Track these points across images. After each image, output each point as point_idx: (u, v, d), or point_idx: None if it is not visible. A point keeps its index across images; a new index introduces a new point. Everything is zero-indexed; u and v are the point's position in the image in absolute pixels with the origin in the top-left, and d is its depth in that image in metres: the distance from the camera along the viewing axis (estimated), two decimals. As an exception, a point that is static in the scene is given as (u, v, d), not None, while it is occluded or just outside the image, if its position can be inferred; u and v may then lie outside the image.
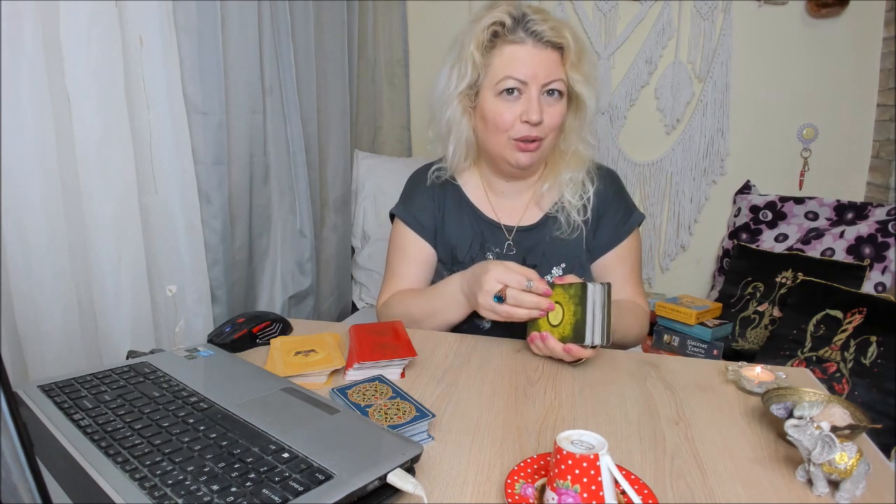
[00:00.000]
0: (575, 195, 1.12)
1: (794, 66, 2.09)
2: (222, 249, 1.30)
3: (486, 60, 1.05)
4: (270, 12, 1.43)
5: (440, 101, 1.11)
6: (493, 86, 1.04)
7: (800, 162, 2.16)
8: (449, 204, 1.18)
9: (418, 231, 1.18)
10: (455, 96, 1.08)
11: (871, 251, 1.81)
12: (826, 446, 0.57)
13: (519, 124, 1.04)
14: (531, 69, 1.01)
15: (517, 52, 1.02)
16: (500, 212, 1.17)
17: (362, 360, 0.85)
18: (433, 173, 1.19)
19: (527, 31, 1.02)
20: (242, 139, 1.37)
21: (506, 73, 1.02)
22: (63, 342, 0.93)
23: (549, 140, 1.07)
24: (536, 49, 1.02)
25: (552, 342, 0.90)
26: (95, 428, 0.61)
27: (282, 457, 0.56)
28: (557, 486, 0.52)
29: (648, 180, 2.30)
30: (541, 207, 1.16)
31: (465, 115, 1.10)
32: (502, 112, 1.04)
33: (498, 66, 1.04)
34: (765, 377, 0.84)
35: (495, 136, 1.07)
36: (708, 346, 1.87)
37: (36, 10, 0.85)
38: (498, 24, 1.03)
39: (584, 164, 1.12)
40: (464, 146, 1.13)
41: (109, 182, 0.99)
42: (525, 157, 1.06)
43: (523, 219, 1.16)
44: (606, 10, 2.21)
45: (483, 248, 1.16)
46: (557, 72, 1.03)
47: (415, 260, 1.18)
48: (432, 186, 1.19)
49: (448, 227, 1.17)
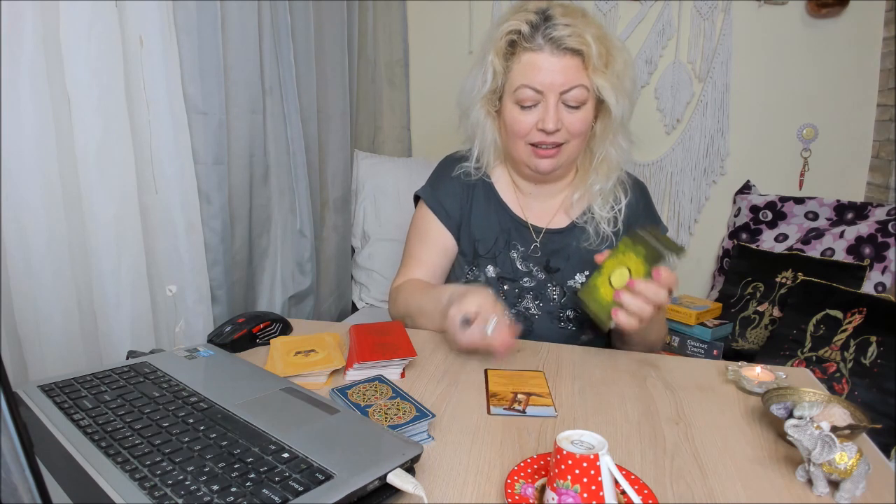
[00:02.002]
0: (605, 207, 1.11)
1: (794, 66, 2.09)
2: (222, 249, 1.30)
3: (507, 66, 1.04)
4: (270, 12, 1.43)
5: (465, 103, 1.11)
6: (511, 93, 1.04)
7: (800, 162, 2.16)
8: (478, 196, 1.16)
9: (443, 218, 1.16)
10: (478, 100, 1.08)
11: (871, 251, 1.81)
12: (826, 446, 0.57)
13: (535, 131, 1.03)
14: (548, 77, 0.99)
15: (534, 59, 1.00)
16: (529, 212, 1.16)
17: (362, 360, 0.85)
18: (460, 169, 1.17)
19: (545, 38, 0.99)
20: (242, 139, 1.37)
21: (522, 81, 1.01)
22: (63, 342, 0.93)
23: (574, 145, 1.05)
24: (555, 56, 0.99)
25: (644, 284, 0.86)
26: (95, 428, 0.61)
27: (282, 457, 0.56)
28: (557, 486, 0.52)
29: (648, 180, 2.30)
30: (569, 215, 1.15)
31: (490, 117, 1.10)
32: (520, 120, 1.03)
33: (516, 73, 1.02)
34: (765, 377, 0.84)
35: (514, 142, 1.07)
36: (708, 346, 1.87)
37: (36, 10, 0.85)
38: (514, 33, 1.02)
39: (613, 173, 1.10)
40: (490, 147, 1.12)
41: (109, 182, 0.98)
42: (545, 162, 1.05)
43: (552, 222, 1.15)
44: (606, 10, 2.21)
45: (508, 245, 1.15)
46: (578, 78, 1.00)
47: (435, 247, 1.16)
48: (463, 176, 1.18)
49: (474, 219, 1.16)
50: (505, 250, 1.14)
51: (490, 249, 1.14)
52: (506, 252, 1.14)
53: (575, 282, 1.13)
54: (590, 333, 1.12)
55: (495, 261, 1.14)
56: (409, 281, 1.14)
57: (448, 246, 1.17)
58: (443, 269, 1.18)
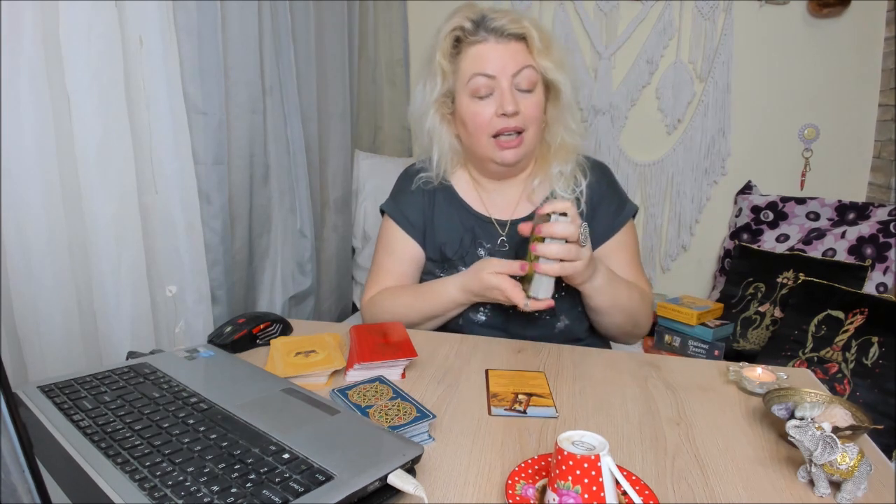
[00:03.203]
0: (567, 189, 1.13)
1: (795, 66, 2.09)
2: (222, 250, 1.30)
3: (454, 66, 1.08)
4: (270, 13, 1.43)
5: (418, 114, 1.14)
6: (465, 87, 1.06)
7: (801, 162, 2.15)
8: (440, 201, 1.19)
9: (407, 229, 1.19)
10: (431, 105, 1.11)
11: (872, 251, 1.81)
12: (827, 447, 0.56)
13: (496, 119, 1.04)
14: (498, 62, 1.03)
15: (481, 50, 1.05)
16: (492, 207, 1.17)
17: (363, 360, 0.85)
18: (419, 180, 1.19)
19: (488, 30, 1.04)
20: (242, 139, 1.36)
21: (474, 70, 1.04)
22: (63, 343, 0.93)
23: (532, 133, 1.08)
24: (500, 44, 1.04)
25: (546, 225, 0.91)
26: (95, 429, 0.61)
27: (282, 458, 0.55)
28: (558, 486, 0.52)
29: (649, 180, 2.30)
30: (532, 202, 1.16)
31: (445, 122, 1.12)
32: (478, 111, 1.05)
33: (466, 67, 1.06)
34: (766, 378, 0.84)
35: (477, 137, 1.08)
36: (709, 346, 1.87)
37: (36, 10, 0.85)
38: (458, 30, 1.06)
39: (571, 156, 1.13)
40: (448, 153, 1.15)
41: (109, 182, 0.98)
42: (509, 153, 1.07)
43: (516, 212, 1.16)
44: (607, 10, 2.21)
45: (475, 244, 1.16)
46: (525, 59, 1.05)
47: (402, 257, 1.19)
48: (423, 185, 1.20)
49: (438, 224, 1.18)
50: (472, 249, 1.16)
51: (457, 251, 1.16)
52: (473, 251, 1.16)
53: None
54: (565, 320, 1.12)
55: (464, 261, 1.16)
56: (382, 290, 1.17)
57: (414, 255, 1.20)
58: (411, 278, 1.21)
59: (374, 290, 1.19)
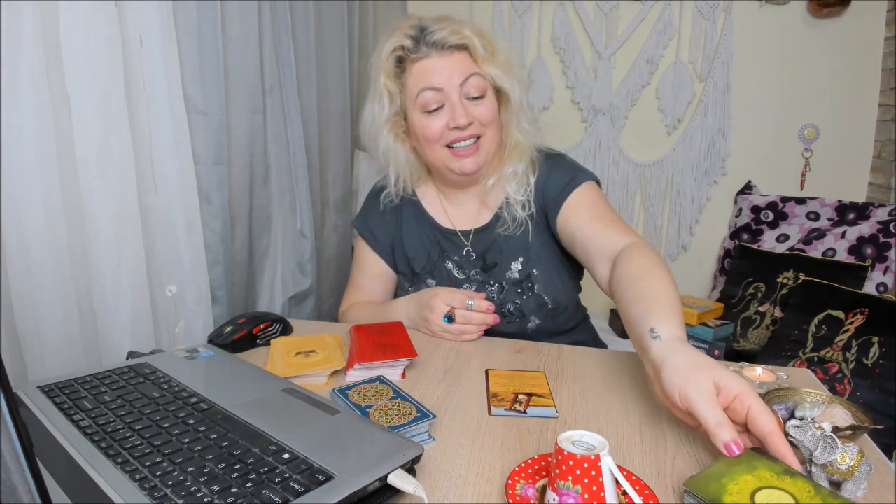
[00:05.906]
0: (519, 190, 1.11)
1: (795, 66, 2.09)
2: (222, 250, 1.30)
3: (400, 84, 1.07)
4: (270, 12, 1.43)
5: (371, 136, 1.15)
6: (414, 103, 1.06)
7: (801, 162, 2.15)
8: (407, 216, 1.20)
9: (374, 246, 1.22)
10: (383, 125, 1.11)
11: (872, 251, 1.81)
12: (828, 447, 0.56)
13: (448, 132, 1.05)
14: (444, 74, 1.03)
15: (425, 65, 1.04)
16: (456, 219, 1.18)
17: (363, 360, 0.85)
18: (385, 198, 1.20)
19: (429, 45, 1.03)
20: (242, 139, 1.36)
21: (420, 86, 1.04)
22: (63, 343, 0.93)
23: (490, 137, 1.07)
24: (443, 57, 1.03)
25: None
26: (95, 429, 0.61)
27: (282, 457, 0.55)
28: (558, 486, 0.52)
29: (649, 180, 2.30)
30: (489, 207, 1.16)
31: (399, 140, 1.12)
32: (430, 125, 1.05)
33: (412, 84, 1.05)
34: (766, 378, 0.84)
35: (431, 150, 1.08)
36: (709, 346, 1.87)
37: (36, 10, 0.85)
38: (399, 49, 1.06)
39: (525, 155, 1.11)
40: (407, 169, 1.15)
41: (109, 182, 0.98)
42: (469, 161, 1.07)
43: (477, 221, 1.17)
44: (607, 10, 2.21)
45: (442, 257, 1.17)
46: (471, 68, 1.04)
47: (370, 273, 1.24)
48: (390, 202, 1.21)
49: (406, 239, 1.20)
50: (440, 262, 1.17)
51: (425, 266, 1.18)
52: (441, 264, 1.17)
53: (512, 272, 1.13)
54: (535, 320, 1.13)
55: (433, 274, 1.18)
56: (354, 305, 1.23)
57: (383, 271, 1.23)
58: (382, 293, 1.24)
59: (346, 305, 1.25)
